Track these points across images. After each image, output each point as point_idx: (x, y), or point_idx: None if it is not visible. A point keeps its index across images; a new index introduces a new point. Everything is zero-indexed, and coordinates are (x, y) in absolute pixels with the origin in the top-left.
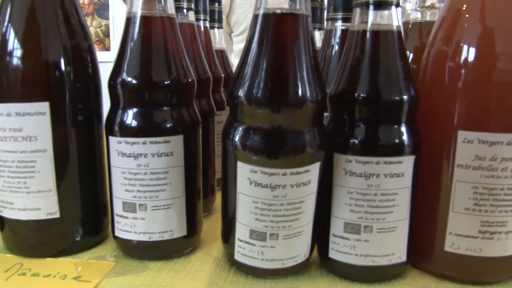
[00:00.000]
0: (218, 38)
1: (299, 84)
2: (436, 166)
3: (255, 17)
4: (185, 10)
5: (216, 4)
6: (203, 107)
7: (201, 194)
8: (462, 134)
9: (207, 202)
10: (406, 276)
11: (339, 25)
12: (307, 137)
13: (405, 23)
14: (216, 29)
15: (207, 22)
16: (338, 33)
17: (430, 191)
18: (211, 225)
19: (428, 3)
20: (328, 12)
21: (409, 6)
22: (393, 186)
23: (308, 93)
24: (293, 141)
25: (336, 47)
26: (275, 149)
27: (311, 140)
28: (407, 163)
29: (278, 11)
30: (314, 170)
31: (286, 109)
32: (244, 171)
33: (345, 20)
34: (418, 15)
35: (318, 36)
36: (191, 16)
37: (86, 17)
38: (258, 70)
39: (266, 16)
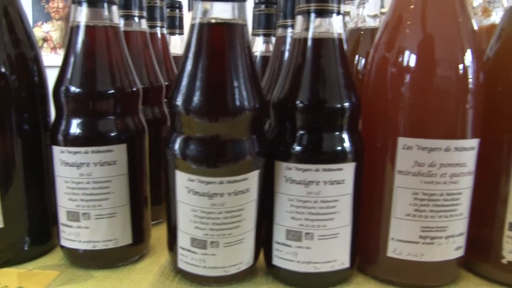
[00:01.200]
0: (179, 44)
1: (235, 93)
2: (379, 172)
3: (192, 26)
4: (136, 18)
5: (177, 11)
6: (156, 115)
7: (149, 201)
8: (402, 141)
9: (160, 209)
10: (351, 281)
11: (289, 32)
12: (245, 146)
13: (358, 29)
14: (177, 35)
15: (164, 29)
16: (288, 40)
17: (374, 198)
18: (164, 233)
19: (385, 10)
20: (278, 19)
21: (365, 12)
22: (333, 193)
23: (244, 102)
24: (231, 150)
25: (287, 54)
26: (213, 158)
27: (249, 148)
28: (347, 170)
29: (213, 21)
30: (252, 178)
31: (222, 119)
32: (182, 180)
33: None
34: (374, 21)
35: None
36: (143, 24)
37: (60, 21)
38: (194, 80)
39: (201, 25)
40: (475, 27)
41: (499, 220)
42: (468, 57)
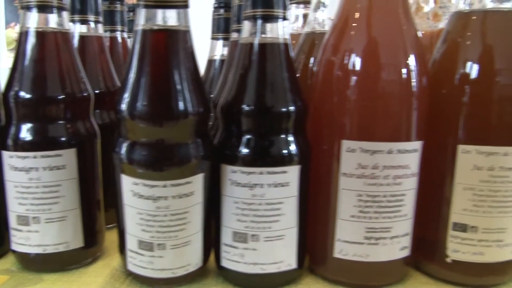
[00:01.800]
0: None
1: (178, 98)
2: (325, 174)
3: (135, 32)
4: (92, 23)
5: None
6: (113, 119)
7: (102, 205)
8: (345, 143)
9: None
10: (300, 282)
11: None
12: (189, 149)
13: (313, 33)
14: None
15: (125, 33)
16: None
17: (320, 199)
18: None
19: None
20: (232, 24)
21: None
22: (278, 195)
23: (188, 107)
24: (175, 154)
25: None
26: (157, 163)
27: (193, 152)
28: (292, 172)
29: (155, 28)
30: (197, 181)
31: (166, 123)
32: (127, 184)
33: None
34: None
35: None
36: (100, 28)
37: None
38: (138, 86)
39: (144, 32)
40: (420, 32)
41: (443, 220)
42: (411, 61)
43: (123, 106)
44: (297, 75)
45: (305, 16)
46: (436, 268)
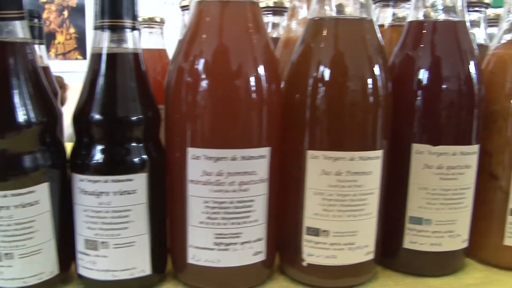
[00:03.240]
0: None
1: (17, 109)
2: (176, 181)
3: None
4: None
5: (36, 20)
6: None
7: None
8: (190, 151)
9: None
10: None
11: None
12: (31, 159)
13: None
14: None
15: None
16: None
17: (174, 206)
18: None
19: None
20: None
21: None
22: (125, 203)
23: (29, 117)
24: (16, 164)
25: None
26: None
27: (36, 161)
28: (138, 180)
29: None
30: (42, 190)
31: (6, 135)
32: None
33: None
34: None
35: None
36: None
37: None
38: None
39: None
40: (269, 41)
41: (298, 224)
42: (256, 68)
43: None
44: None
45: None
46: (296, 271)
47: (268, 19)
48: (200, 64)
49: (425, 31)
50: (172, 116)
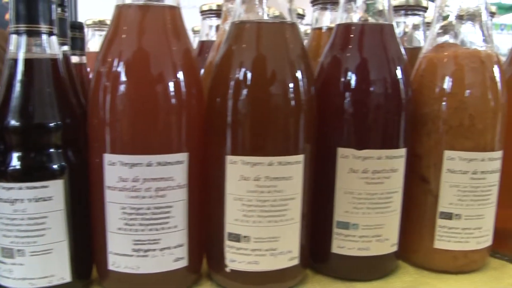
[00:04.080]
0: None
1: None
2: (94, 187)
3: None
4: None
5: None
6: None
7: None
8: (106, 157)
9: None
10: None
11: None
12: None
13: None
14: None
15: None
16: None
17: (94, 212)
18: None
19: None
20: None
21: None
22: (40, 210)
23: None
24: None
25: None
26: None
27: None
28: (54, 187)
29: None
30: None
31: None
32: None
33: None
34: None
35: None
36: None
37: None
38: None
39: None
40: (190, 45)
41: (220, 230)
42: (175, 74)
43: None
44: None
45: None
46: (221, 277)
47: (212, 22)
48: (115, 69)
49: (352, 34)
50: (91, 121)
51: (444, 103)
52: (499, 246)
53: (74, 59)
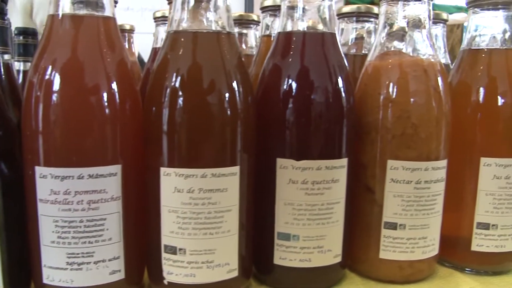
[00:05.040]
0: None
1: None
2: (29, 200)
3: None
4: None
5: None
6: None
7: None
8: (38, 170)
9: None
10: None
11: None
12: None
13: None
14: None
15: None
16: None
17: (29, 225)
18: None
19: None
20: None
21: None
22: None
23: None
24: None
25: None
26: None
27: None
28: None
29: None
30: None
31: None
32: None
33: None
34: None
35: None
36: None
37: None
38: None
39: None
40: (125, 56)
41: (156, 243)
42: (107, 84)
43: None
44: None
45: None
46: None
47: (165, 28)
48: (46, 79)
49: (292, 43)
50: (24, 132)
51: (387, 111)
52: (447, 254)
53: (28, 66)
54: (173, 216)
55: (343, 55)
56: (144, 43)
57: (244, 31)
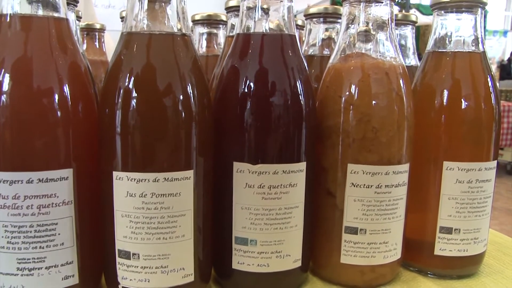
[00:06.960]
0: None
1: None
2: None
3: None
4: None
5: None
6: None
7: None
8: None
9: None
10: None
11: None
12: None
13: None
14: None
15: None
16: None
17: None
18: None
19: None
20: None
21: None
22: None
23: None
24: None
25: None
26: None
27: None
28: None
29: None
30: None
31: None
32: None
33: None
34: None
35: None
36: None
37: None
38: None
39: None
40: (79, 58)
41: (111, 248)
42: (58, 87)
43: None
44: None
45: None
46: None
47: None
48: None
49: (250, 44)
50: None
51: (347, 115)
52: (412, 258)
53: None
54: (126, 221)
55: (303, 57)
56: None
57: (214, 31)
